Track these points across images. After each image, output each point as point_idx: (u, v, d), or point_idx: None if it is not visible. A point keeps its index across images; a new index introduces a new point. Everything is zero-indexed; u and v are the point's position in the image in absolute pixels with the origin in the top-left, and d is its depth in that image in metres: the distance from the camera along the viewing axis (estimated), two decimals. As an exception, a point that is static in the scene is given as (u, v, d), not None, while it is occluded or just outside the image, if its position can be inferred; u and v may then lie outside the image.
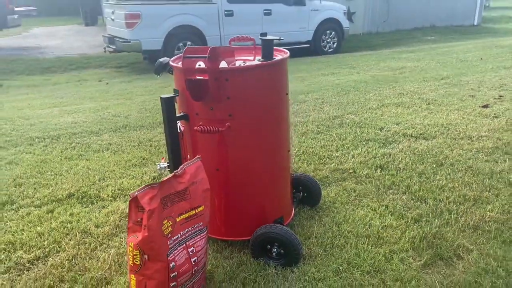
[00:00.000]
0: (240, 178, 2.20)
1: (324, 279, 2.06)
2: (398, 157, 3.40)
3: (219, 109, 2.05)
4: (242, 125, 2.08)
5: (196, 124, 2.11)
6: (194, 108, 2.10)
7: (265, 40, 2.16)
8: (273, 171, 2.28)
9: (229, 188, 2.22)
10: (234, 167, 2.18)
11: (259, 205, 2.29)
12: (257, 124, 2.13)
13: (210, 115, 2.07)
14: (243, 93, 2.04)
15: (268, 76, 2.11)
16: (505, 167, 3.15)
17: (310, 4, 10.25)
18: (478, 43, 10.48)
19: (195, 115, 2.11)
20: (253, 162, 2.19)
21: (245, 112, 2.08)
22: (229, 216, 2.28)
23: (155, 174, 3.26)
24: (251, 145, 2.15)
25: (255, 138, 2.15)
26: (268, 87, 2.12)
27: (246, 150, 2.15)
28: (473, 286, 1.97)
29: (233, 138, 2.10)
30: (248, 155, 2.17)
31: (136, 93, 6.47)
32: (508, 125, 4.03)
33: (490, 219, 2.49)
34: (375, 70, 7.16)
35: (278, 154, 2.28)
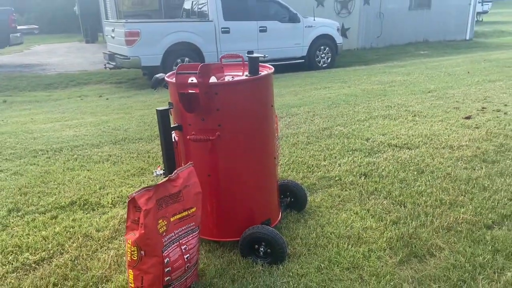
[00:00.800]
0: (230, 183, 2.40)
1: (306, 274, 2.25)
2: (382, 166, 3.61)
3: (210, 120, 2.26)
4: (230, 134, 2.29)
5: (189, 134, 2.32)
6: (187, 119, 2.31)
7: (251, 57, 2.39)
8: (260, 176, 2.49)
9: (220, 193, 2.42)
10: (224, 173, 2.38)
11: (247, 208, 2.49)
12: (245, 133, 2.34)
13: (202, 125, 2.28)
14: (231, 105, 2.26)
15: (254, 89, 2.34)
16: (481, 174, 3.35)
17: (305, 21, 10.56)
18: (468, 57, 10.78)
19: (188, 126, 2.32)
20: (241, 168, 2.39)
21: (233, 122, 2.29)
22: (219, 218, 2.48)
23: (153, 183, 3.44)
24: (239, 153, 2.36)
25: (243, 146, 2.36)
26: (254, 99, 2.34)
27: (234, 157, 2.36)
28: (442, 279, 2.16)
29: (223, 146, 2.31)
30: (237, 162, 2.37)
31: (135, 107, 6.70)
32: (487, 135, 4.25)
33: (462, 221, 2.69)
34: (366, 84, 7.40)
35: (265, 161, 2.49)
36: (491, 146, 3.93)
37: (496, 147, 3.90)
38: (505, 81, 6.89)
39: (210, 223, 2.50)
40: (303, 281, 2.19)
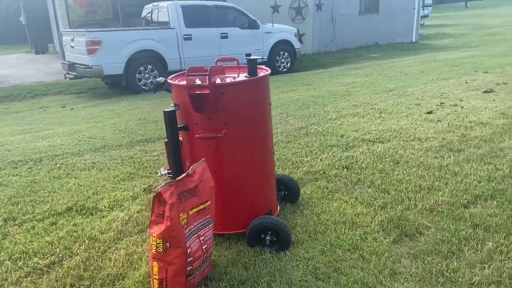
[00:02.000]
0: (235, 178, 2.56)
1: (312, 258, 2.44)
2: (360, 159, 3.87)
3: (216, 119, 2.41)
4: (236, 131, 2.45)
5: (196, 133, 2.45)
6: (193, 119, 2.44)
7: (250, 59, 2.56)
8: (262, 171, 2.66)
9: (226, 188, 2.57)
10: (230, 169, 2.53)
11: (251, 201, 2.65)
12: (248, 130, 2.51)
13: (208, 124, 2.42)
14: (236, 104, 2.42)
15: (256, 89, 2.51)
16: (450, 161, 3.69)
17: (264, 27, 10.84)
18: (418, 58, 11.46)
19: (195, 125, 2.46)
20: (246, 164, 2.55)
21: (238, 120, 2.45)
22: (226, 212, 2.62)
23: (145, 186, 3.53)
24: (244, 149, 2.52)
25: (247, 142, 2.52)
26: (257, 98, 2.52)
27: (240, 153, 2.52)
28: (434, 252, 2.41)
29: (229, 143, 2.46)
30: (242, 158, 2.53)
31: (105, 116, 6.66)
32: (450, 127, 4.64)
33: (442, 202, 2.98)
34: (329, 86, 7.75)
35: (266, 156, 2.67)
36: (455, 137, 4.30)
37: (459, 138, 4.28)
38: (456, 79, 7.45)
39: (216, 218, 2.63)
40: (311, 263, 2.38)
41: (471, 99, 5.87)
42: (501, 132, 4.36)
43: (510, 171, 3.37)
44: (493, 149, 3.90)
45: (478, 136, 4.28)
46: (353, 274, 2.26)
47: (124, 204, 3.24)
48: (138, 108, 7.10)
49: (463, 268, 2.25)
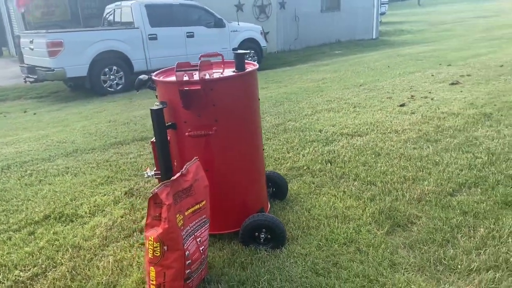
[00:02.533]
0: (227, 176, 2.48)
1: (309, 253, 2.40)
2: (342, 152, 3.88)
3: (206, 115, 2.33)
4: (226, 128, 2.38)
5: (185, 131, 2.36)
6: (182, 117, 2.35)
7: (237, 54, 2.49)
8: (253, 168, 2.60)
9: (218, 186, 2.48)
10: (222, 167, 2.46)
11: (243, 199, 2.58)
12: (239, 126, 2.45)
13: (198, 122, 2.34)
14: (227, 100, 2.35)
15: (245, 84, 2.45)
16: (429, 152, 3.75)
17: (230, 26, 10.77)
18: (382, 53, 11.70)
19: (183, 123, 2.36)
20: (237, 161, 2.48)
21: (228, 116, 2.38)
22: (218, 212, 2.54)
23: (125, 189, 3.39)
24: (234, 146, 2.45)
25: (238, 139, 2.45)
26: (246, 93, 2.45)
27: (230, 150, 2.45)
28: (429, 241, 2.43)
29: (220, 141, 2.39)
30: (233, 155, 2.46)
31: (72, 119, 6.41)
32: (423, 119, 4.73)
33: (428, 192, 3.01)
34: (300, 83, 7.77)
35: (256, 153, 2.61)
36: (430, 128, 4.39)
37: (434, 128, 4.37)
38: (422, 72, 7.64)
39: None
40: (309, 259, 2.34)
41: (440, 91, 6.02)
42: (473, 121, 4.49)
43: (489, 159, 3.46)
44: (468, 138, 4.00)
45: (452, 126, 4.38)
46: (353, 268, 2.24)
47: (106, 209, 3.10)
48: (107, 110, 6.87)
49: (460, 255, 2.27)
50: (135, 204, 3.14)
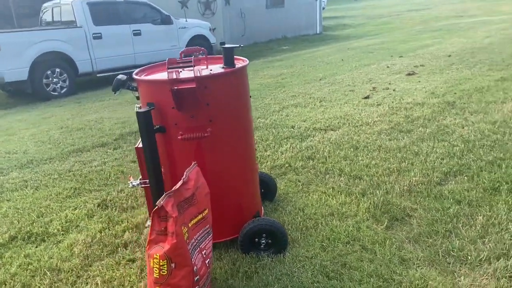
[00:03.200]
0: (222, 181, 2.31)
1: (315, 256, 2.28)
2: (320, 148, 3.81)
3: (200, 116, 2.14)
4: (221, 129, 2.20)
5: (176, 134, 2.16)
6: (172, 119, 2.15)
7: (226, 48, 2.32)
8: (248, 170, 2.44)
9: (213, 192, 2.28)
10: (217, 171, 2.28)
11: (239, 204, 2.41)
12: (234, 126, 2.28)
13: (191, 123, 2.14)
14: (221, 98, 2.17)
15: (238, 80, 2.28)
16: (406, 142, 3.76)
17: (178, 23, 10.44)
18: (332, 47, 11.85)
19: (174, 126, 2.16)
20: (233, 163, 2.32)
21: (223, 116, 2.20)
22: (214, 220, 2.34)
23: (98, 201, 3.11)
24: (230, 147, 2.28)
25: (233, 139, 2.29)
26: (239, 90, 2.29)
27: (226, 152, 2.27)
28: (432, 233, 2.39)
29: (214, 143, 2.20)
30: (228, 157, 2.29)
31: (17, 127, 5.88)
32: (391, 110, 4.77)
33: (417, 183, 3.00)
34: (258, 79, 7.65)
35: (250, 154, 2.45)
36: (400, 119, 4.43)
37: (404, 119, 4.41)
38: (377, 64, 7.79)
39: (203, 226, 2.37)
40: (316, 262, 2.22)
41: (399, 82, 6.14)
42: (439, 110, 4.58)
43: (466, 146, 3.51)
44: (439, 127, 4.06)
45: (420, 116, 4.45)
46: (364, 267, 2.15)
47: (80, 224, 2.81)
48: (55, 116, 6.38)
49: (466, 246, 2.25)
50: (112, 216, 2.88)
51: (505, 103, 4.60)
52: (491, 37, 9.52)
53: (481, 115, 4.26)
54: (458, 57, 7.59)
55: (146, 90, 2.20)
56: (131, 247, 2.53)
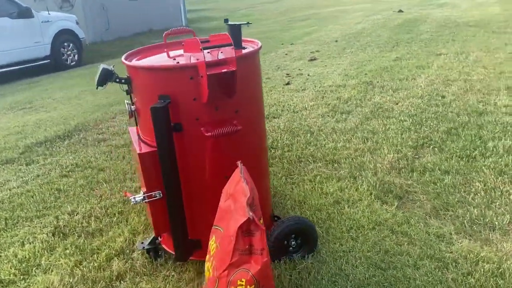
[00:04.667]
0: (247, 180, 1.99)
1: (353, 249, 2.12)
2: (276, 136, 3.63)
3: (225, 107, 1.80)
4: (247, 121, 1.89)
5: (195, 132, 1.77)
6: (192, 113, 1.76)
7: (232, 26, 1.99)
8: (265, 164, 2.16)
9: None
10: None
11: (263, 205, 2.11)
12: (257, 117, 1.99)
13: (215, 116, 1.79)
14: (247, 83, 1.85)
15: (258, 63, 1.98)
16: (355, 122, 3.80)
17: (40, 16, 9.14)
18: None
19: (195, 121, 1.77)
20: (257, 160, 2.02)
21: (248, 105, 1.90)
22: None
23: (50, 229, 2.47)
24: (254, 140, 1.98)
25: (256, 133, 2.00)
26: (260, 75, 1.99)
27: (250, 148, 1.97)
28: (446, 206, 2.40)
29: (243, 138, 1.88)
30: (252, 152, 1.98)
31: None
32: (319, 93, 4.81)
33: (395, 160, 3.02)
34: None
35: (265, 146, 2.16)
36: (333, 101, 4.47)
37: (338, 101, 4.46)
38: (275, 52, 7.82)
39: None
40: (359, 255, 2.06)
41: (308, 67, 6.25)
42: (364, 90, 4.75)
43: (414, 121, 3.68)
44: (375, 105, 4.20)
45: (350, 97, 4.55)
46: (408, 251, 2.06)
47: (42, 262, 2.19)
48: None
49: (485, 212, 2.31)
50: (80, 245, 2.31)
51: (415, 79, 4.98)
52: (362, 23, 10.36)
53: (404, 92, 4.53)
54: (345, 42, 8.06)
55: (155, 80, 1.76)
56: (129, 277, 2.04)
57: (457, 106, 3.91)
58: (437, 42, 7.04)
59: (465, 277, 1.86)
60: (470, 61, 5.53)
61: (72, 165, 3.42)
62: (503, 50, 5.97)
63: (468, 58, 5.74)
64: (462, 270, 1.90)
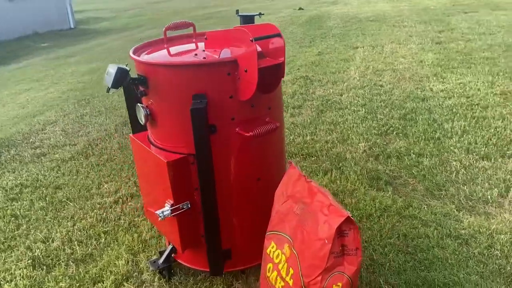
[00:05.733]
0: (275, 183, 1.88)
1: (373, 237, 2.13)
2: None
3: (260, 104, 1.68)
4: (277, 117, 1.79)
5: (230, 133, 1.63)
6: (227, 113, 1.61)
7: (247, 17, 1.88)
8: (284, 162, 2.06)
9: (270, 198, 1.86)
10: (274, 171, 1.85)
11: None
12: (282, 114, 1.89)
13: (250, 114, 1.66)
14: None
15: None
16: (312, 116, 3.84)
17: None
18: (120, 38, 11.04)
19: (230, 121, 1.63)
20: (282, 158, 1.92)
21: (277, 100, 1.80)
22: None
23: (27, 263, 2.10)
24: (283, 140, 1.89)
25: (282, 126, 1.89)
26: (281, 67, 1.89)
27: (280, 146, 1.87)
28: (438, 186, 2.54)
29: (276, 136, 1.78)
30: (280, 152, 1.88)
31: None
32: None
33: (367, 148, 3.11)
34: (67, 79, 6.46)
35: (281, 143, 2.08)
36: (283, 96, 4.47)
37: (285, 96, 4.49)
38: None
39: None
40: (382, 242, 2.08)
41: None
42: (305, 84, 4.83)
43: (367, 110, 3.83)
44: (323, 99, 4.29)
45: (294, 91, 4.60)
46: (426, 232, 2.13)
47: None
48: None
49: (473, 188, 2.48)
50: (73, 274, 2.00)
51: (347, 71, 5.20)
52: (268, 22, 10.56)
53: (343, 84, 4.71)
54: (261, 39, 8.13)
55: (187, 79, 1.57)
56: (153, 302, 1.81)
57: (399, 94, 4.17)
58: (350, 36, 7.45)
59: (489, 250, 1.98)
60: (388, 53, 5.94)
61: (16, 186, 2.96)
62: (412, 41, 6.52)
63: (384, 49, 6.16)
64: (483, 244, 2.02)
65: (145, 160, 1.83)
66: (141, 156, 1.87)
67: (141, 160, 1.89)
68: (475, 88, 4.09)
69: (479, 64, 4.88)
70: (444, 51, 5.67)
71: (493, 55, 5.25)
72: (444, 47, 5.94)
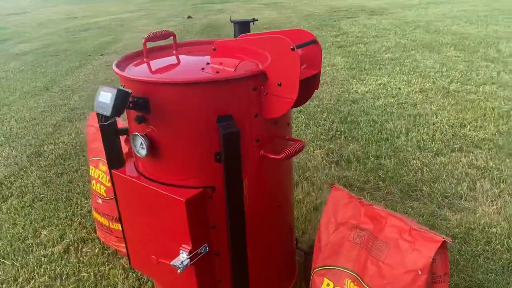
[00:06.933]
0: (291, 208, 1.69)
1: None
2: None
3: (281, 120, 1.47)
4: (291, 134, 1.59)
5: (254, 156, 1.40)
6: (253, 134, 1.38)
7: (242, 23, 1.66)
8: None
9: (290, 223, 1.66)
10: (290, 195, 1.65)
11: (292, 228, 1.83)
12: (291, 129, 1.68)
13: (273, 133, 1.45)
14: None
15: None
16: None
17: None
18: None
19: (255, 143, 1.39)
20: (291, 183, 1.72)
21: (293, 115, 1.59)
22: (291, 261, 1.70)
23: None
24: (292, 161, 1.69)
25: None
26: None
27: (291, 167, 1.67)
28: (414, 186, 2.55)
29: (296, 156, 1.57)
30: (289, 174, 1.68)
31: None
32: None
33: (323, 155, 3.04)
34: None
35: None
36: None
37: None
38: (91, 65, 6.91)
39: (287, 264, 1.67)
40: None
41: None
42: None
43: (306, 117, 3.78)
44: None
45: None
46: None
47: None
48: None
49: (445, 186, 2.54)
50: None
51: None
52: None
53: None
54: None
55: (209, 98, 1.29)
56: None
57: (329, 98, 4.21)
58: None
59: (489, 246, 2.01)
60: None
61: None
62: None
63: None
64: (481, 240, 2.05)
65: (143, 201, 1.47)
66: (136, 197, 1.50)
67: (136, 202, 1.52)
68: (396, 88, 4.31)
69: (388, 65, 5.19)
70: (350, 54, 5.93)
71: (395, 55, 5.63)
72: (348, 50, 6.23)
